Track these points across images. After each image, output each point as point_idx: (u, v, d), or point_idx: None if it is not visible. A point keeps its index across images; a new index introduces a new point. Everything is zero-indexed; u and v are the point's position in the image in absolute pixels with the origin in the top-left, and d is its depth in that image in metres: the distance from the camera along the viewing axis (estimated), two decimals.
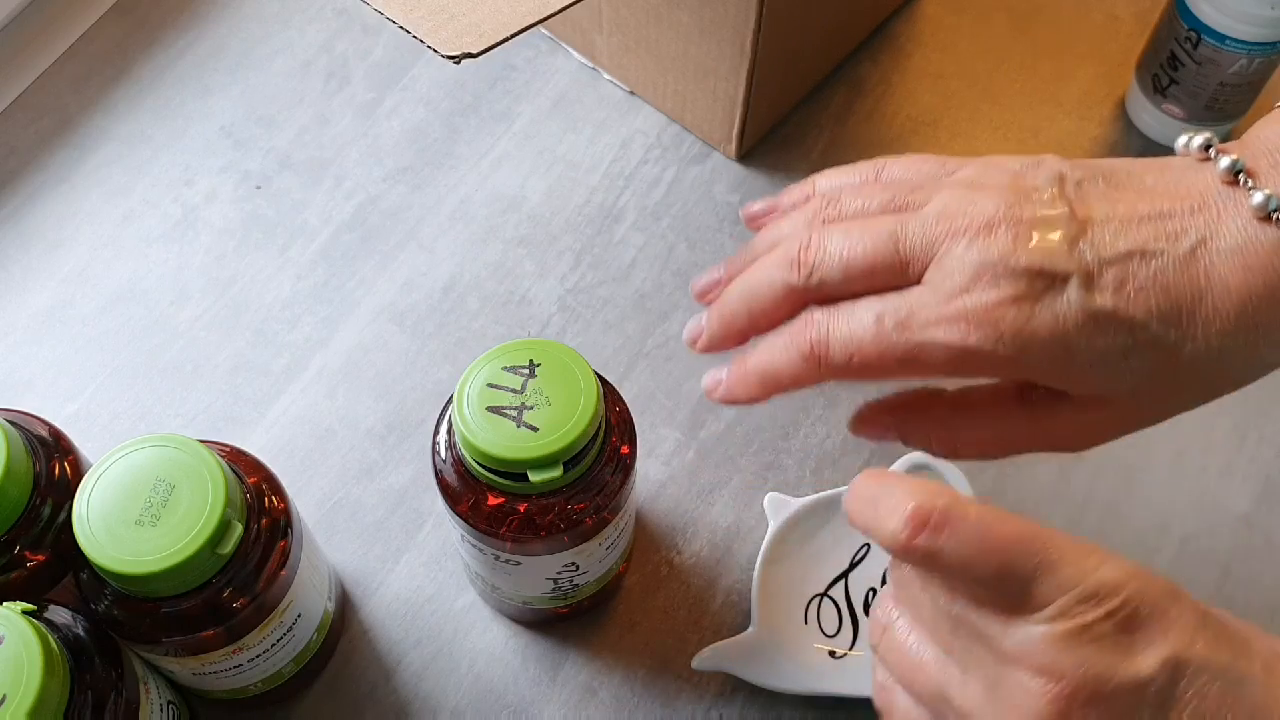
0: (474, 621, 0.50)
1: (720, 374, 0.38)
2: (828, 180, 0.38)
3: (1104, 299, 0.31)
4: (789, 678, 0.47)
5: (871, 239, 0.33)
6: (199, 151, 0.62)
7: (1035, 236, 0.31)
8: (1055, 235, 0.31)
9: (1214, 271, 0.31)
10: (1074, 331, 0.31)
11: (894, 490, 0.30)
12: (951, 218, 0.32)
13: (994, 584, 0.29)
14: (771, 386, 0.36)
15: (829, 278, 0.34)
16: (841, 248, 0.34)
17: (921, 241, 0.33)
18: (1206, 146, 0.33)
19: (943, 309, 0.32)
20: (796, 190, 0.39)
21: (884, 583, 0.50)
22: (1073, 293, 0.31)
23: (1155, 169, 0.33)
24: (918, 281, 0.33)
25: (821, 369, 0.34)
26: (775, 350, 0.35)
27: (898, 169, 0.37)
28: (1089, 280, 0.31)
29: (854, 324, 0.33)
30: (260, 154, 0.62)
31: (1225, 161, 0.32)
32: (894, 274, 0.33)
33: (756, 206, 0.40)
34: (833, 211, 0.36)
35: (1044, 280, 0.31)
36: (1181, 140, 0.34)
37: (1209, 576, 0.51)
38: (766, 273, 0.36)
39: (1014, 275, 0.31)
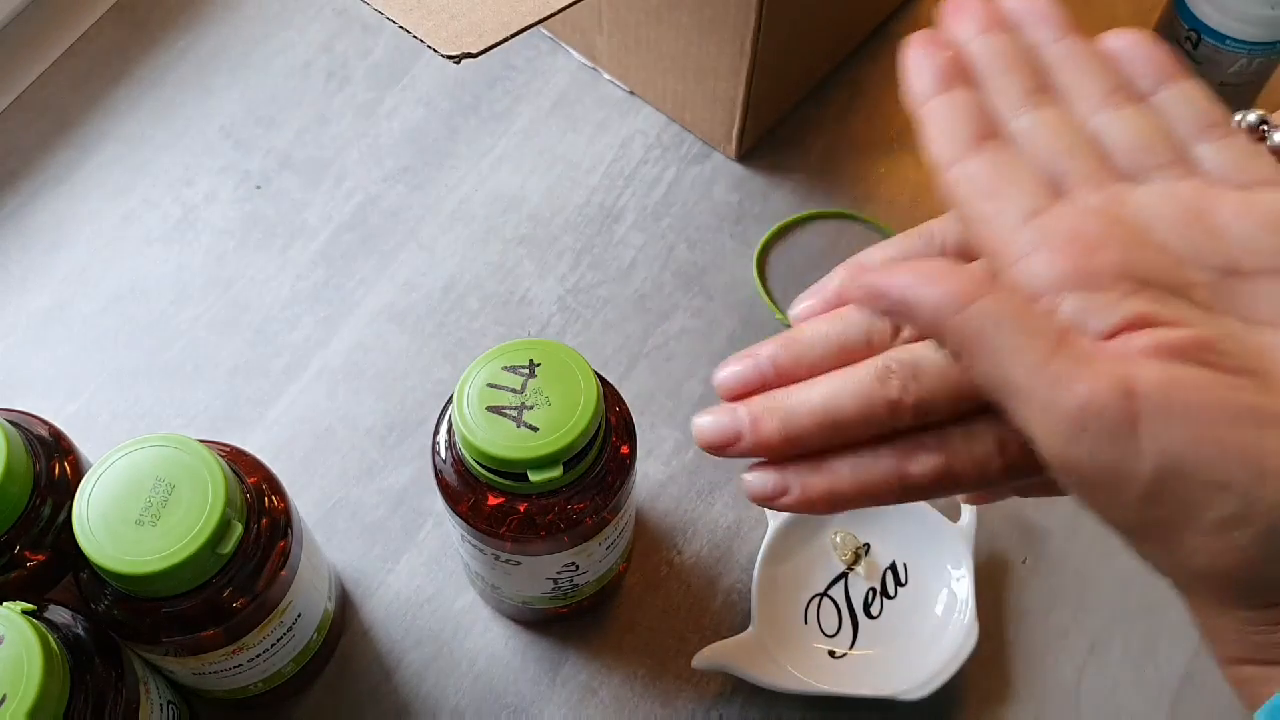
0: (474, 621, 0.50)
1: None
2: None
3: None
4: (789, 678, 0.47)
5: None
6: (199, 151, 0.62)
7: None
8: None
9: None
10: None
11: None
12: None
13: None
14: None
15: (936, 398, 0.30)
16: (929, 375, 0.29)
17: None
18: (1260, 124, 0.31)
19: None
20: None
21: (882, 583, 0.50)
22: None
23: None
24: None
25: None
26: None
27: None
28: None
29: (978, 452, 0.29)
30: (260, 154, 0.62)
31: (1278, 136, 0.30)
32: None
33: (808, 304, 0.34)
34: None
35: None
36: (1235, 119, 0.32)
37: None
38: (844, 387, 0.30)
39: None
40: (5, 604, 0.36)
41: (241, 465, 0.42)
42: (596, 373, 0.39)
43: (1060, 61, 0.31)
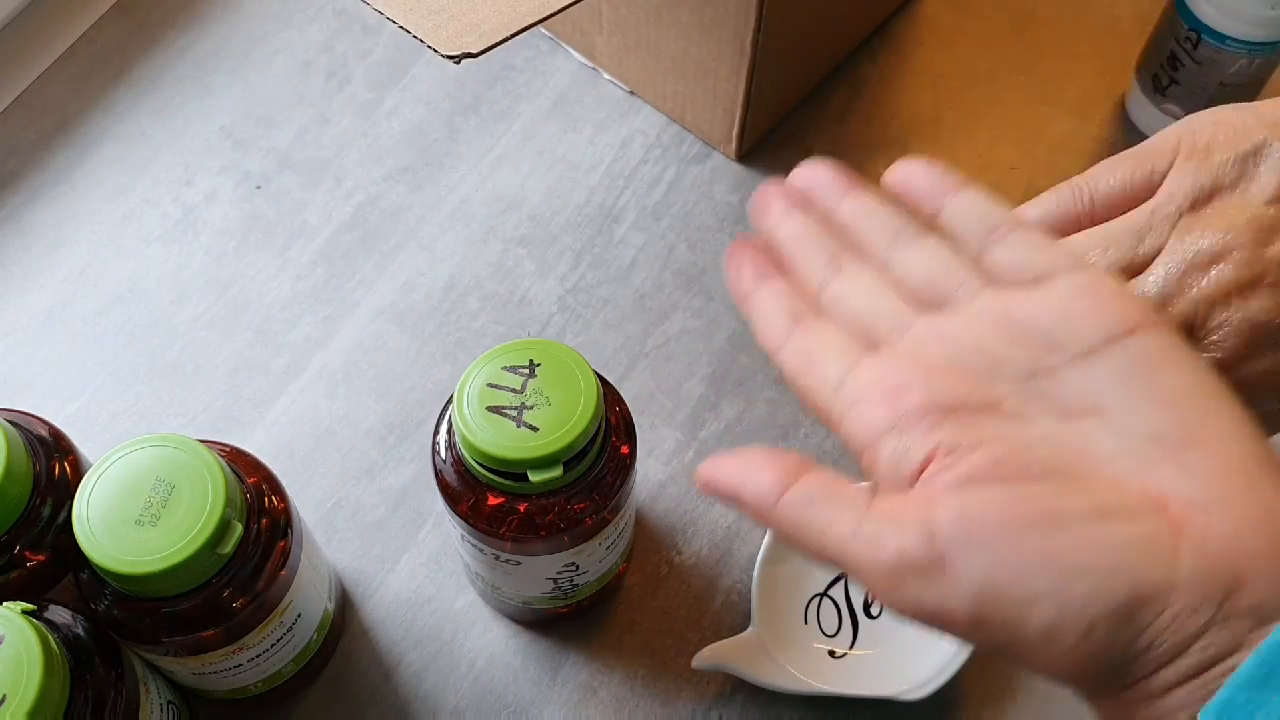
0: (474, 621, 0.50)
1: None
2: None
3: None
4: (789, 678, 0.47)
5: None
6: (199, 151, 0.62)
7: None
8: None
9: None
10: None
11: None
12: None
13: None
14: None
15: None
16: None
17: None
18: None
19: None
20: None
21: None
22: None
23: None
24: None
25: None
26: None
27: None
28: None
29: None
30: (260, 154, 0.62)
31: None
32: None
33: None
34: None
35: None
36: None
37: None
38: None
39: None
40: (5, 604, 0.36)
41: (241, 465, 0.42)
42: (596, 373, 0.39)
43: (850, 220, 0.33)
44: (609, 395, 0.43)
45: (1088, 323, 0.29)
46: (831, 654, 0.48)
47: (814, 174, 0.34)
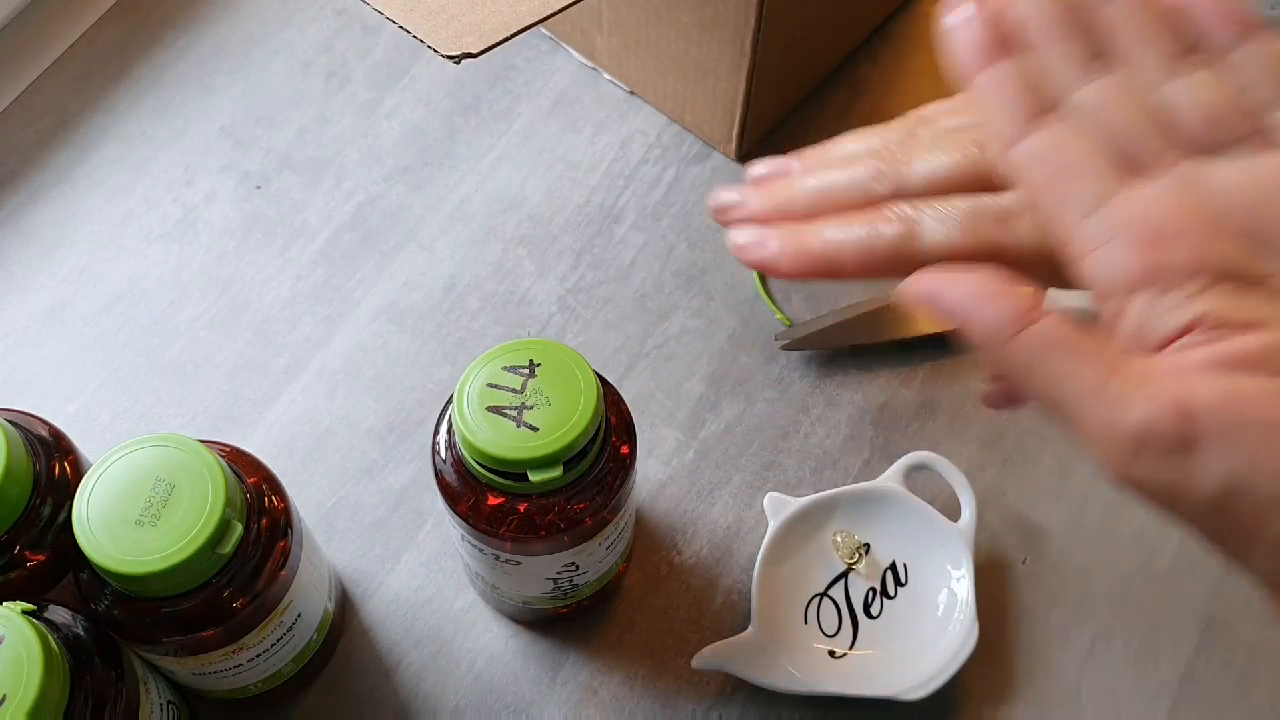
0: (474, 621, 0.50)
1: (762, 235, 0.32)
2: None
3: None
4: (789, 678, 0.47)
5: (961, 151, 0.31)
6: (199, 151, 0.62)
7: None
8: None
9: None
10: None
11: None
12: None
13: None
14: (827, 266, 0.31)
15: (917, 180, 0.31)
16: (934, 153, 0.31)
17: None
18: None
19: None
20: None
21: (882, 583, 0.50)
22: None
23: None
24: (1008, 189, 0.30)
25: (905, 255, 0.30)
26: (850, 233, 0.31)
27: None
28: None
29: (946, 214, 0.30)
30: (260, 154, 0.62)
31: None
32: (982, 182, 0.30)
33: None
34: (924, 130, 0.33)
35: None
36: None
37: (1209, 576, 0.51)
38: (846, 167, 0.32)
39: None
40: (5, 604, 0.36)
41: (241, 465, 0.42)
42: (596, 373, 0.39)
43: (1119, 22, 0.28)
44: (609, 395, 0.43)
45: None
46: (831, 654, 0.48)
47: None
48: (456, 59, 0.42)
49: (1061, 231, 0.27)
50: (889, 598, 0.49)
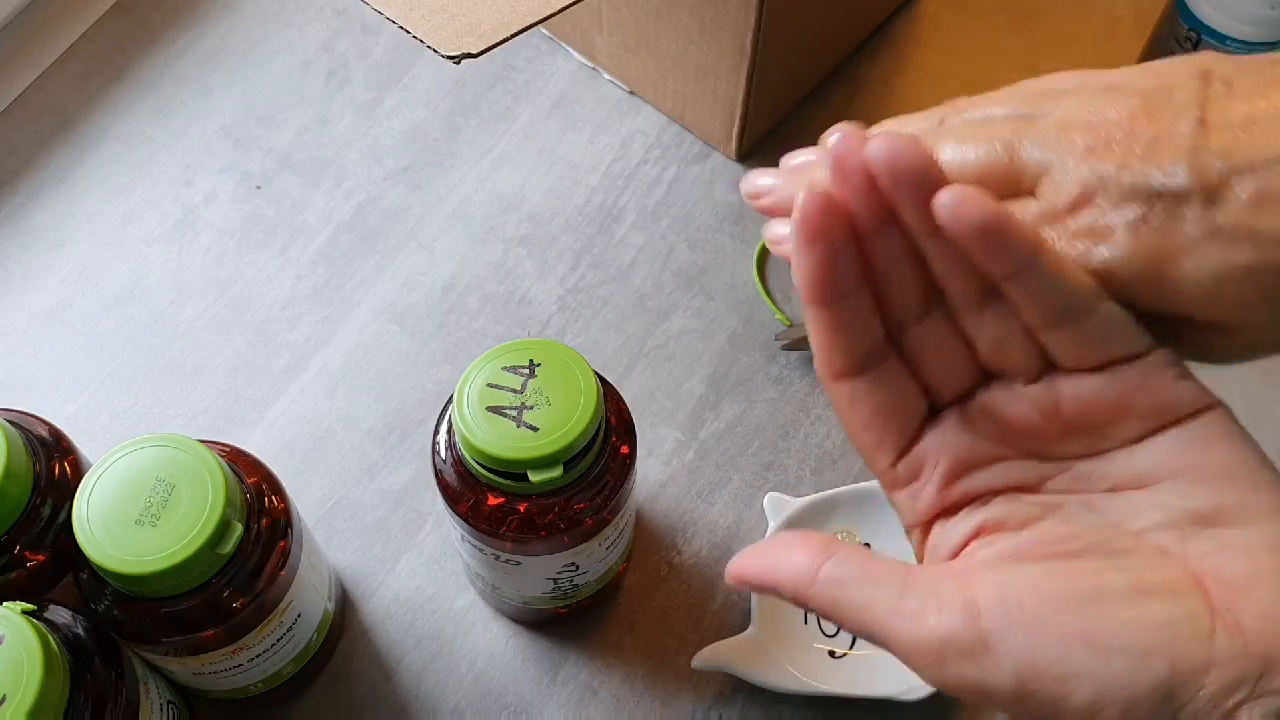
0: (474, 621, 0.50)
1: (788, 230, 0.31)
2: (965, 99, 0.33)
3: (1228, 214, 0.27)
4: (789, 678, 0.47)
5: (985, 147, 0.30)
6: (199, 151, 0.62)
7: (1145, 151, 0.28)
8: (1171, 147, 0.28)
9: None
10: (1185, 253, 0.27)
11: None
12: (1070, 127, 0.29)
13: None
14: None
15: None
16: (952, 155, 0.30)
17: (1038, 152, 0.29)
18: None
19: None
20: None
21: None
22: (1192, 210, 0.27)
23: None
24: (1031, 195, 0.29)
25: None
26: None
27: (1043, 80, 0.32)
28: (1212, 195, 0.27)
29: None
30: (260, 154, 0.62)
31: None
32: (1007, 185, 0.30)
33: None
34: (954, 119, 0.32)
35: (1153, 200, 0.27)
36: None
37: None
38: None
39: (1121, 194, 0.28)
40: (5, 604, 0.36)
41: (241, 465, 0.42)
42: (596, 373, 0.39)
43: (932, 254, 0.30)
44: (609, 395, 0.43)
45: (1148, 413, 0.28)
46: (831, 654, 0.48)
47: (892, 161, 0.29)
48: (456, 59, 0.42)
49: (879, 477, 0.31)
50: None
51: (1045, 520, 0.28)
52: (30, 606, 0.36)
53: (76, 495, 0.37)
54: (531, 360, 0.39)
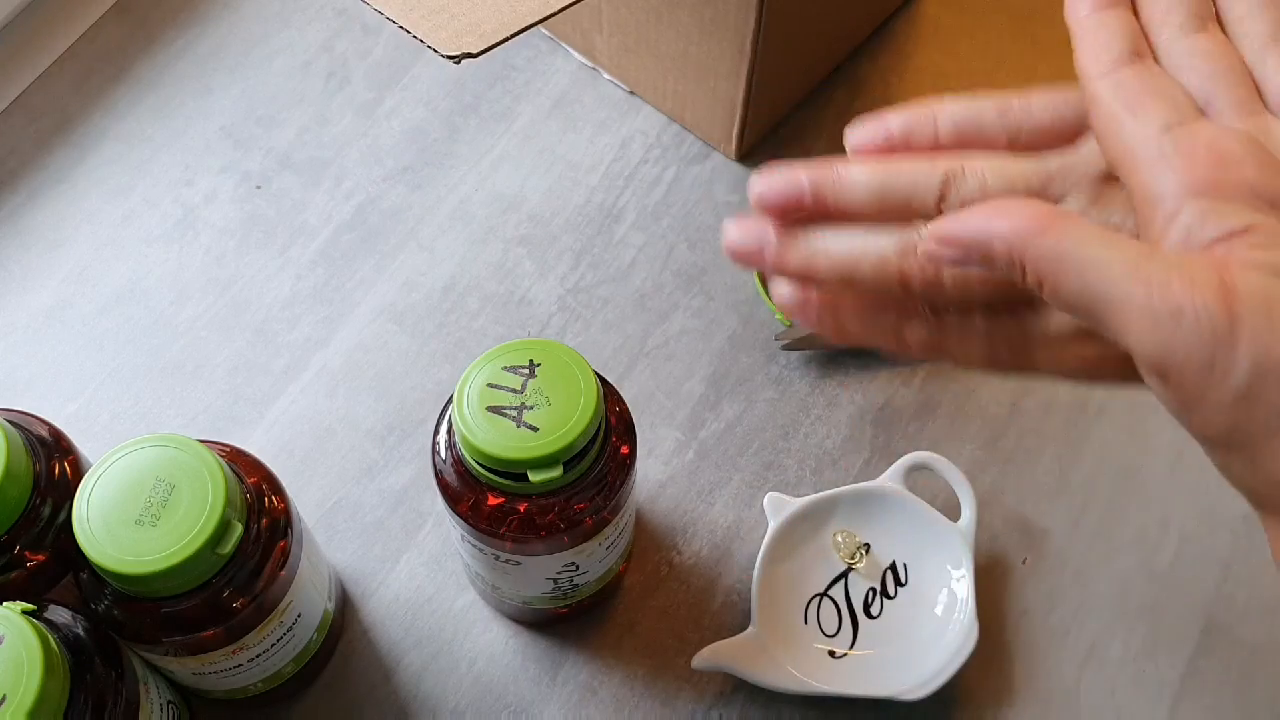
0: (474, 621, 0.50)
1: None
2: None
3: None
4: (789, 678, 0.47)
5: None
6: (199, 151, 0.62)
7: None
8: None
9: None
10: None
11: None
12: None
13: None
14: (840, 274, 0.31)
15: (946, 285, 0.30)
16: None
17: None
18: None
19: None
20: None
21: (882, 583, 0.50)
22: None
23: None
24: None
25: (926, 277, 0.30)
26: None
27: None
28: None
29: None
30: (260, 154, 0.62)
31: None
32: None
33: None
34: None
35: None
36: None
37: (1209, 576, 0.51)
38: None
39: None
40: (5, 604, 0.36)
41: (241, 465, 0.42)
42: (596, 373, 0.39)
43: None
44: (609, 395, 0.43)
45: None
46: (831, 654, 0.48)
47: None
48: (456, 59, 0.42)
49: (1125, 148, 0.27)
50: (889, 598, 0.49)
51: None
52: (30, 606, 0.36)
53: (76, 495, 0.37)
54: (531, 360, 0.39)
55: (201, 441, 0.39)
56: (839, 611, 0.49)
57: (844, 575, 0.50)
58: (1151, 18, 0.30)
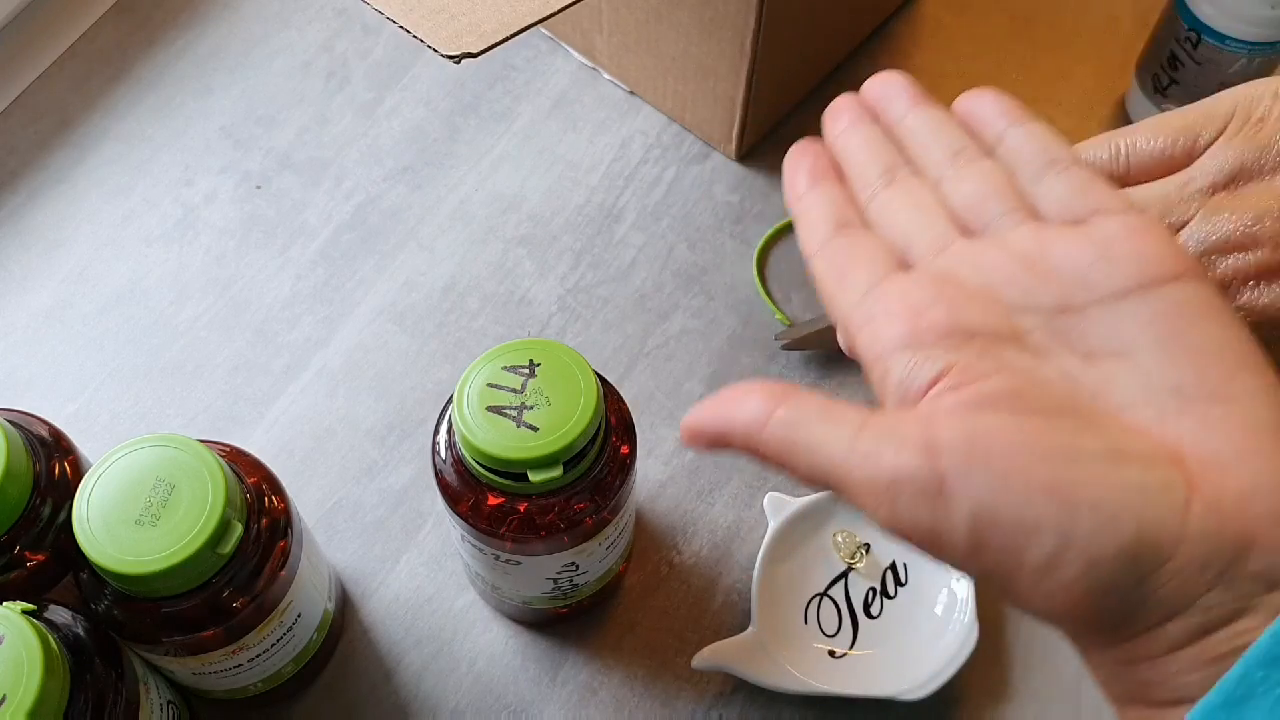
0: (474, 621, 0.50)
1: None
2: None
3: None
4: (789, 678, 0.47)
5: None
6: (199, 151, 0.62)
7: None
8: None
9: None
10: None
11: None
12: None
13: None
14: None
15: None
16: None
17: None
18: None
19: None
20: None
21: (882, 583, 0.50)
22: None
23: None
24: None
25: None
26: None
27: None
28: None
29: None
30: (260, 154, 0.62)
31: None
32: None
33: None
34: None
35: None
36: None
37: None
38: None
39: None
40: (5, 604, 0.36)
41: (241, 465, 0.42)
42: (596, 373, 0.39)
43: (913, 133, 0.33)
44: (609, 395, 0.43)
45: (1128, 264, 0.28)
46: (831, 654, 0.48)
47: (887, 82, 0.34)
48: (456, 59, 0.42)
49: (842, 318, 0.30)
50: (889, 598, 0.49)
51: (1019, 378, 0.26)
52: (30, 606, 0.36)
53: (76, 495, 0.37)
54: (531, 360, 0.39)
55: (201, 441, 0.39)
56: (839, 611, 0.49)
57: (844, 575, 0.50)
58: (853, 183, 0.32)
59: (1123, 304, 0.27)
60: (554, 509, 0.40)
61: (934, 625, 0.48)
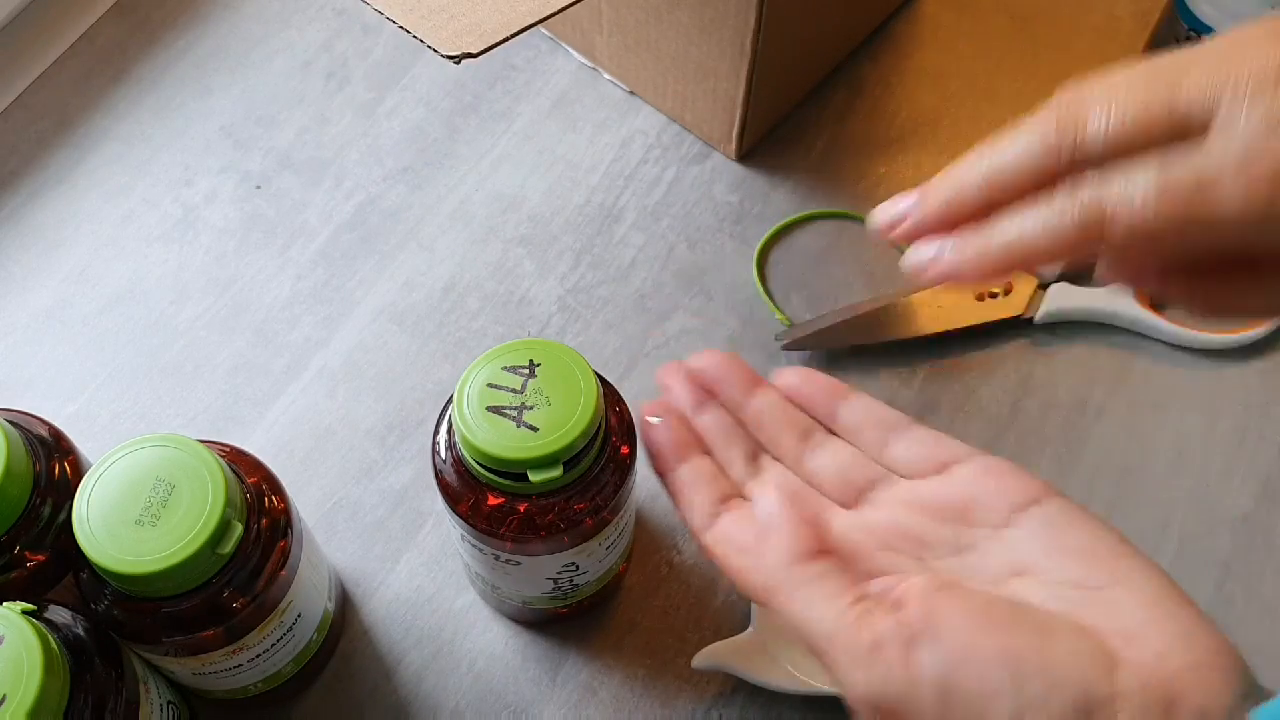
0: (474, 621, 0.50)
1: (935, 249, 0.33)
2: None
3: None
4: (789, 678, 0.47)
5: (1144, 92, 0.30)
6: (199, 151, 0.62)
7: None
8: None
9: None
10: None
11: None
12: (1236, 62, 0.28)
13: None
14: (1018, 260, 0.31)
15: (1095, 137, 0.30)
16: (1108, 105, 0.30)
17: (1202, 90, 0.28)
18: None
19: (1238, 166, 0.28)
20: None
21: None
22: None
23: None
24: (1200, 137, 0.29)
25: (1096, 237, 0.30)
26: (1033, 220, 0.31)
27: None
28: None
29: (1134, 187, 0.29)
30: (260, 154, 0.62)
31: None
32: (1172, 132, 0.29)
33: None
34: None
35: None
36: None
37: (1209, 576, 0.51)
38: (1014, 139, 0.32)
39: None
40: (5, 604, 0.36)
41: (241, 465, 0.42)
42: (596, 373, 0.39)
43: (758, 419, 0.38)
44: (609, 395, 0.43)
45: (997, 498, 0.33)
46: None
47: (715, 365, 0.38)
48: (456, 59, 0.42)
49: (763, 587, 0.33)
50: None
51: (952, 579, 0.32)
52: (30, 606, 0.36)
53: (76, 495, 0.37)
54: (531, 360, 0.39)
55: (201, 441, 0.39)
56: None
57: None
58: (720, 461, 0.38)
59: (1006, 530, 0.33)
60: (554, 509, 0.40)
61: None
